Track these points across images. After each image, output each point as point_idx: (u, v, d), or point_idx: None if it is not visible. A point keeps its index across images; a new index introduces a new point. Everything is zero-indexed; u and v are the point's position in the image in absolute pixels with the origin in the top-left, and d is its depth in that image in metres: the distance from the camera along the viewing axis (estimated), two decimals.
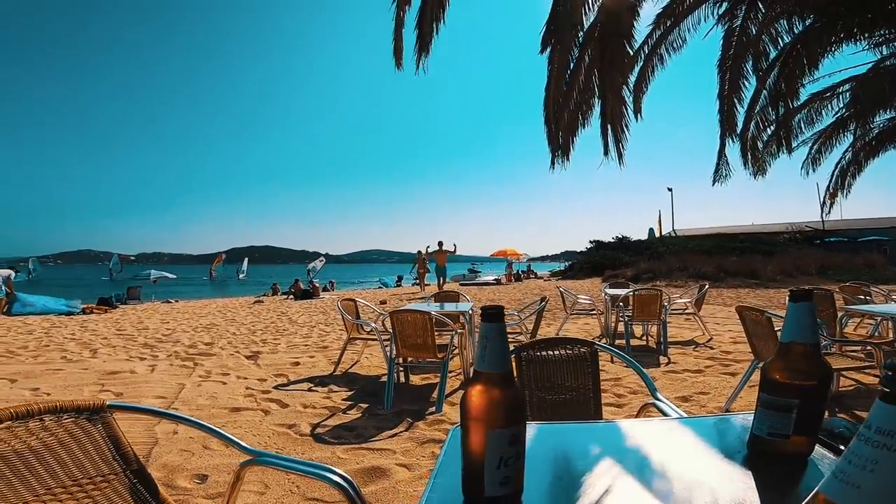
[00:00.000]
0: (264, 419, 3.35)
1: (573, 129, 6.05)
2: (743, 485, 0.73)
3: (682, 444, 0.91)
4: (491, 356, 0.59)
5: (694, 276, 16.97)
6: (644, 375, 1.64)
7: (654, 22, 6.35)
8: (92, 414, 1.10)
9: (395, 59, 5.52)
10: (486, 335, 0.60)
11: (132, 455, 1.13)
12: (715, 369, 4.54)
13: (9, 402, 3.70)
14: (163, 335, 7.36)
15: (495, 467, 0.59)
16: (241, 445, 1.21)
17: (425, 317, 3.59)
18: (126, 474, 1.10)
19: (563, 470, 0.81)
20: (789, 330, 0.80)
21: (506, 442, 0.59)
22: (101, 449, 1.09)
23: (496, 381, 0.60)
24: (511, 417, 0.60)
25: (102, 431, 1.11)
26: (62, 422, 1.05)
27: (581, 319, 8.00)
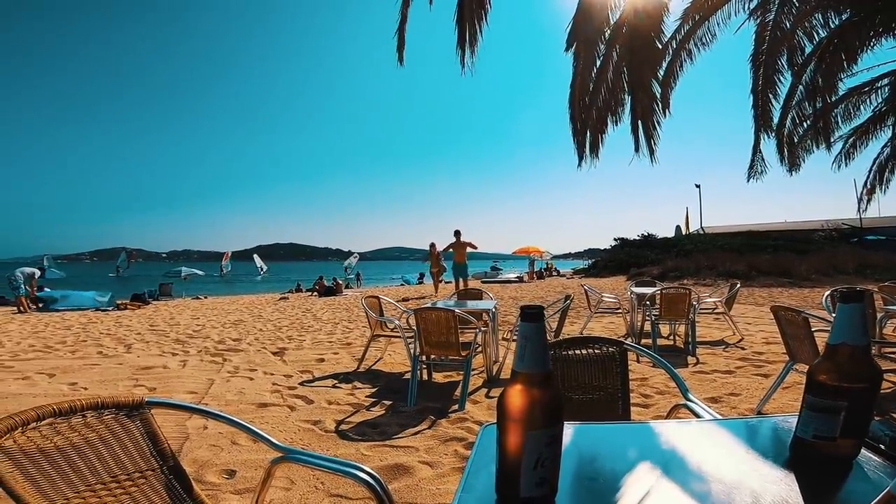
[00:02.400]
0: (290, 415, 3.40)
1: (602, 127, 5.95)
2: (786, 487, 0.71)
3: (719, 446, 0.89)
4: (531, 356, 0.59)
5: (723, 275, 16.52)
6: (675, 376, 1.60)
7: (682, 17, 6.20)
8: (131, 410, 1.13)
9: (398, 55, 5.53)
10: (526, 335, 0.60)
11: (168, 451, 1.15)
12: (746, 370, 4.41)
13: (47, 396, 3.86)
14: (193, 331, 7.56)
15: (532, 468, 0.58)
16: (272, 443, 1.22)
17: (449, 315, 3.59)
18: (162, 470, 1.12)
19: (597, 471, 0.79)
20: (839, 331, 0.78)
21: (544, 443, 0.59)
22: (139, 445, 1.11)
23: (536, 382, 0.59)
24: (550, 418, 0.59)
25: (141, 427, 1.13)
26: (103, 418, 1.07)
27: (605, 318, 7.88)
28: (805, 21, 5.96)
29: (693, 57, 6.45)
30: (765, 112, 6.45)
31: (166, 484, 1.12)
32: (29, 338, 6.98)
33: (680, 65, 6.41)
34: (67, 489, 0.96)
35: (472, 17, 4.89)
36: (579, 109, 5.71)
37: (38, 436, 0.96)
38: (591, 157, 6.09)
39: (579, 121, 5.80)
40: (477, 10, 4.87)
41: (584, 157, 6.11)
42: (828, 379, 0.77)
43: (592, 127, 5.91)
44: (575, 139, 6.04)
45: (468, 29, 4.98)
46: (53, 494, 0.92)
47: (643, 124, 5.41)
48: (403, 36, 5.43)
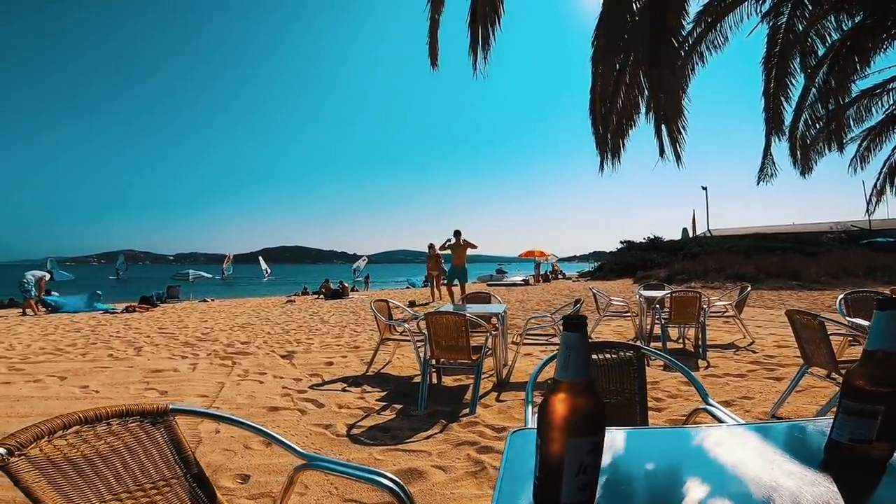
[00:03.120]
0: (301, 419, 3.40)
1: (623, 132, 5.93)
2: (825, 488, 0.72)
3: (750, 450, 0.89)
4: (574, 365, 0.60)
5: (732, 278, 16.41)
6: (695, 381, 1.58)
7: (695, 19, 6.18)
8: (155, 417, 1.12)
9: (431, 59, 5.55)
10: (569, 344, 0.60)
11: (192, 458, 1.14)
12: (758, 374, 4.38)
13: (59, 399, 3.88)
14: (202, 334, 7.60)
15: (574, 474, 0.59)
16: (295, 450, 1.22)
17: (460, 319, 3.58)
18: (186, 478, 1.11)
19: (630, 476, 0.79)
20: (876, 338, 0.79)
21: (586, 450, 0.60)
22: (163, 452, 1.10)
23: (579, 390, 0.60)
24: (593, 425, 0.60)
25: (165, 435, 1.12)
26: (128, 425, 1.07)
27: (614, 322, 7.84)
28: (818, 23, 5.93)
29: (705, 59, 6.43)
30: (776, 115, 6.42)
31: (190, 492, 1.11)
32: (39, 340, 7.04)
33: (692, 67, 6.39)
34: (94, 498, 0.95)
35: (486, 21, 4.89)
36: (600, 114, 5.69)
37: (64, 444, 0.95)
38: (613, 161, 6.08)
39: (601, 125, 5.79)
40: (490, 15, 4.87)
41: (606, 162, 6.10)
42: (865, 384, 0.78)
43: (614, 132, 5.89)
44: (597, 144, 6.03)
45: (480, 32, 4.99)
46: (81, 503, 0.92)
47: (667, 128, 5.38)
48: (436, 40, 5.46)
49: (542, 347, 5.51)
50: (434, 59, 5.58)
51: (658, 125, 5.46)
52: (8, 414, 3.50)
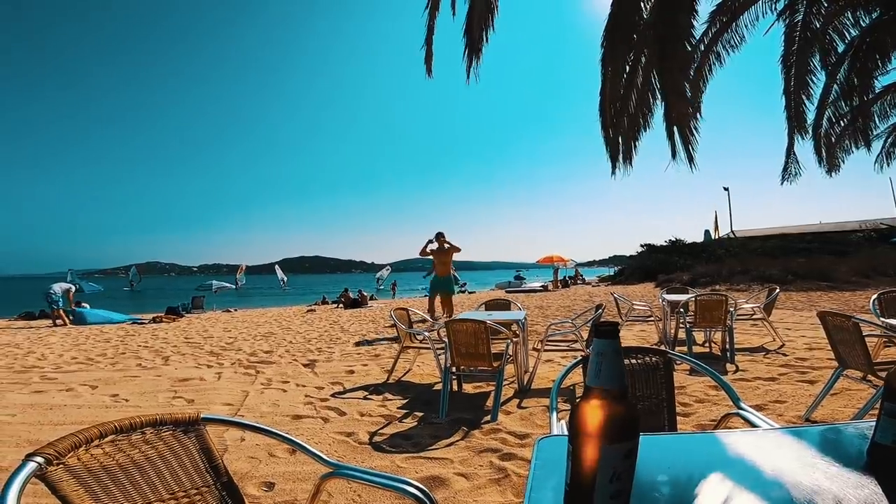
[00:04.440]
0: (324, 427, 3.42)
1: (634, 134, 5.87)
2: (870, 491, 0.71)
3: (788, 454, 0.87)
4: (607, 372, 0.59)
5: (758, 280, 16.01)
6: (725, 385, 1.54)
7: (709, 19, 6.11)
8: (188, 426, 1.13)
9: (426, 66, 5.60)
10: (601, 351, 0.60)
11: (223, 467, 1.15)
12: (790, 377, 4.25)
13: (90, 407, 3.99)
14: (226, 343, 7.73)
15: (608, 481, 0.59)
16: (322, 458, 1.22)
17: (481, 326, 3.57)
18: (216, 486, 1.12)
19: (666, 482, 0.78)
20: None
21: (620, 457, 0.59)
22: (194, 461, 1.11)
23: (613, 397, 0.59)
24: (627, 432, 0.60)
25: (196, 443, 1.14)
26: (161, 434, 1.08)
27: (636, 326, 7.71)
28: (835, 20, 5.81)
29: (722, 59, 6.34)
30: (798, 113, 6.28)
31: (220, 500, 1.11)
32: (71, 350, 7.25)
33: (709, 68, 6.30)
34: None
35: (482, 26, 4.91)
36: (610, 116, 5.65)
37: (100, 453, 0.97)
38: (625, 164, 6.02)
39: (611, 128, 5.74)
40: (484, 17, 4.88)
41: (618, 165, 6.04)
42: None
43: (625, 134, 5.83)
44: (607, 147, 5.97)
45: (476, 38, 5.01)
46: None
47: (679, 130, 5.31)
48: (431, 47, 5.50)
49: (563, 353, 5.45)
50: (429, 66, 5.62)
51: (670, 127, 5.39)
52: (41, 422, 3.61)
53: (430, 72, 5.67)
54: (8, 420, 3.66)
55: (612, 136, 5.84)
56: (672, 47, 4.56)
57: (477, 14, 4.95)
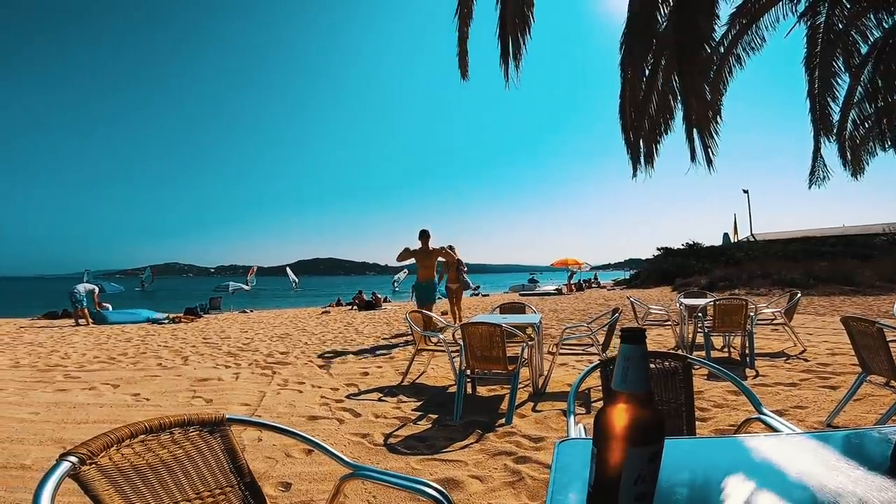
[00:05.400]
0: (339, 428, 3.45)
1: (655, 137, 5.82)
2: (892, 494, 0.70)
3: (812, 458, 0.87)
4: (633, 377, 0.60)
5: (779, 284, 15.69)
6: (746, 390, 1.52)
7: (729, 21, 6.04)
8: (213, 427, 1.15)
9: (461, 71, 5.60)
10: (628, 356, 0.61)
11: (246, 467, 1.17)
12: (812, 382, 4.17)
13: (112, 406, 4.07)
14: (243, 344, 7.83)
15: (632, 483, 0.59)
16: (343, 460, 1.24)
17: (496, 329, 3.57)
18: (240, 486, 1.13)
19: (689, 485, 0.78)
20: None
21: (645, 459, 0.60)
22: (219, 461, 1.13)
23: (638, 401, 0.60)
24: (652, 435, 0.60)
25: (221, 444, 1.15)
26: (188, 434, 1.10)
27: (653, 330, 7.61)
28: (857, 22, 5.70)
29: (742, 62, 6.25)
30: (824, 116, 6.15)
31: (243, 500, 1.12)
32: (93, 349, 7.42)
33: (729, 70, 6.22)
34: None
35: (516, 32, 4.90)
36: (630, 120, 5.61)
37: (130, 453, 0.98)
38: (646, 167, 5.96)
39: (631, 131, 5.70)
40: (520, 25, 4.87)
41: (639, 168, 5.99)
42: None
43: (646, 137, 5.78)
44: (628, 150, 5.92)
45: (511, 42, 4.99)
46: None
47: (699, 133, 5.25)
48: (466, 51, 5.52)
49: (578, 357, 5.41)
50: (464, 70, 5.63)
51: (689, 130, 5.32)
52: (64, 420, 3.69)
53: (466, 74, 5.70)
54: (32, 418, 3.75)
55: (632, 140, 5.79)
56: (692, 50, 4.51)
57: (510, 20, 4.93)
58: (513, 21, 4.91)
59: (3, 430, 3.44)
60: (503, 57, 5.18)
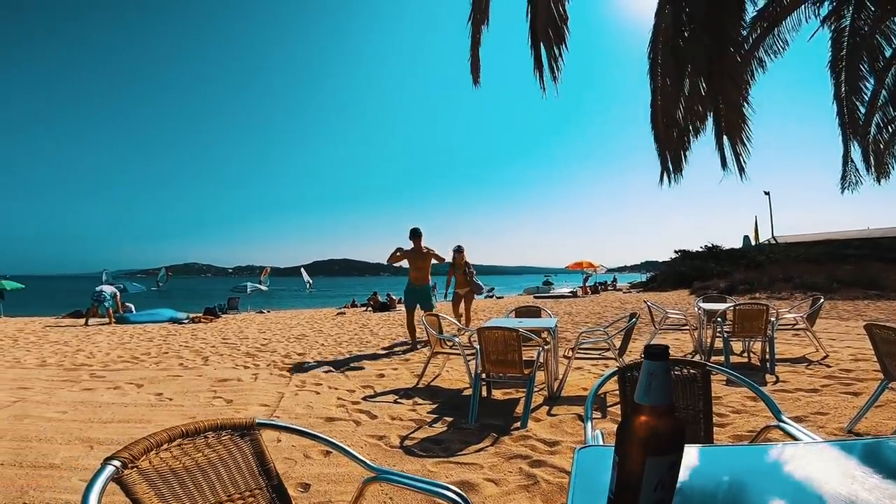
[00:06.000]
0: (356, 430, 3.49)
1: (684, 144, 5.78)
2: None
3: (829, 466, 0.88)
4: (656, 390, 0.63)
5: (801, 288, 15.35)
6: (765, 397, 1.52)
7: (750, 25, 5.97)
8: (244, 431, 1.18)
9: (473, 77, 5.62)
10: (652, 371, 0.64)
11: (273, 470, 1.20)
12: (833, 388, 4.10)
13: (137, 405, 4.18)
14: (261, 345, 7.96)
15: (652, 490, 0.63)
16: (366, 463, 1.27)
17: (513, 333, 3.59)
18: (267, 489, 1.17)
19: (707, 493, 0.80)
20: None
21: (665, 467, 0.63)
22: (249, 464, 1.16)
23: (659, 414, 0.63)
24: (672, 445, 0.64)
25: (251, 447, 1.18)
26: (221, 438, 1.13)
27: (670, 335, 7.52)
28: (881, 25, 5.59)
29: (764, 65, 6.16)
30: (852, 119, 6.04)
31: (270, 502, 1.15)
32: (117, 349, 7.61)
33: (751, 74, 6.14)
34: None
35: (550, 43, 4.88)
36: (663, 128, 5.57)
37: (169, 456, 1.01)
38: (674, 174, 5.93)
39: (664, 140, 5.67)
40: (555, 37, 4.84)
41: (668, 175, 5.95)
42: None
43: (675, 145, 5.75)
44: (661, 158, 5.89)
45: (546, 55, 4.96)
46: None
47: (730, 140, 5.19)
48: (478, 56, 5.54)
49: (594, 361, 5.38)
50: (476, 76, 5.65)
51: (719, 137, 5.26)
52: (91, 419, 3.79)
53: (478, 80, 5.71)
54: (59, 417, 3.84)
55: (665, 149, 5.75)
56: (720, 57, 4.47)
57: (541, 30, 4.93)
58: (545, 32, 4.90)
59: (32, 429, 3.53)
60: (536, 68, 5.15)
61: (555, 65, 4.99)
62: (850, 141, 6.44)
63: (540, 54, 5.03)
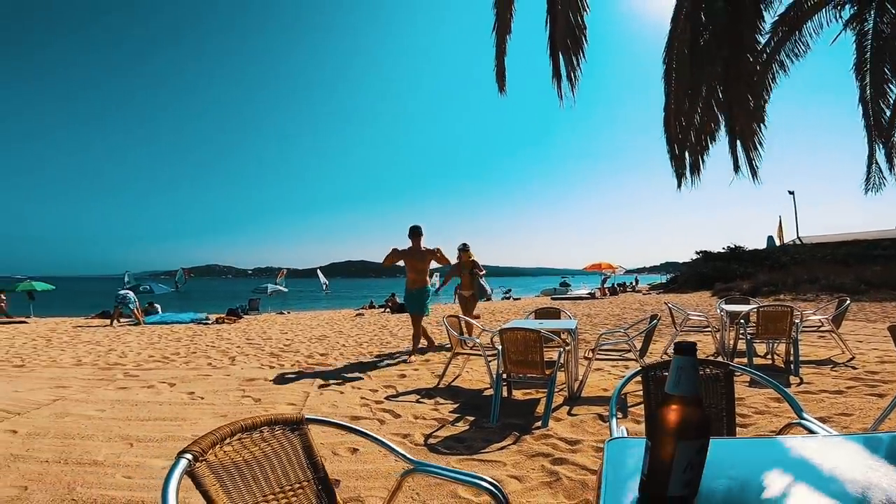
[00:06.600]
0: (381, 428, 3.58)
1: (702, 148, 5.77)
2: None
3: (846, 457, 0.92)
4: (685, 383, 0.72)
5: (827, 289, 14.99)
6: (787, 395, 1.56)
7: (771, 30, 5.93)
8: (294, 426, 1.26)
9: (499, 85, 5.68)
10: (681, 366, 0.73)
11: (320, 464, 1.28)
12: (858, 390, 4.07)
13: (171, 404, 4.33)
14: (284, 345, 8.15)
15: (682, 470, 0.70)
16: (405, 456, 1.35)
17: (535, 335, 3.64)
18: (314, 482, 1.24)
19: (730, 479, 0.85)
20: None
21: (694, 451, 0.71)
22: (299, 458, 1.23)
23: (688, 402, 0.71)
24: (700, 431, 0.71)
25: (300, 442, 1.26)
26: (274, 433, 1.20)
27: (691, 337, 7.46)
28: None
29: (786, 68, 6.10)
30: (878, 122, 5.96)
31: (317, 495, 1.23)
32: (147, 349, 7.87)
33: (772, 77, 6.09)
34: (249, 500, 1.06)
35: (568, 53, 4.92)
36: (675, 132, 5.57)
37: (231, 450, 1.08)
38: (693, 177, 5.92)
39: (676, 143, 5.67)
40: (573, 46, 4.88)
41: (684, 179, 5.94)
42: None
43: (691, 148, 5.74)
44: (673, 163, 5.90)
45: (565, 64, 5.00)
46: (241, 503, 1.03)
47: (742, 143, 5.18)
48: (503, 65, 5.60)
49: (614, 362, 5.39)
50: (502, 84, 5.70)
51: (732, 141, 5.25)
52: (128, 417, 3.93)
53: (503, 89, 5.76)
54: (99, 415, 3.98)
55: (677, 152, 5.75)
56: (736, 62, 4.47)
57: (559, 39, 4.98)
58: (563, 42, 4.94)
59: (74, 427, 3.66)
60: (555, 76, 5.20)
61: (573, 74, 5.01)
62: (874, 143, 6.34)
63: (558, 63, 5.07)
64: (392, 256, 6.82)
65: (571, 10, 4.81)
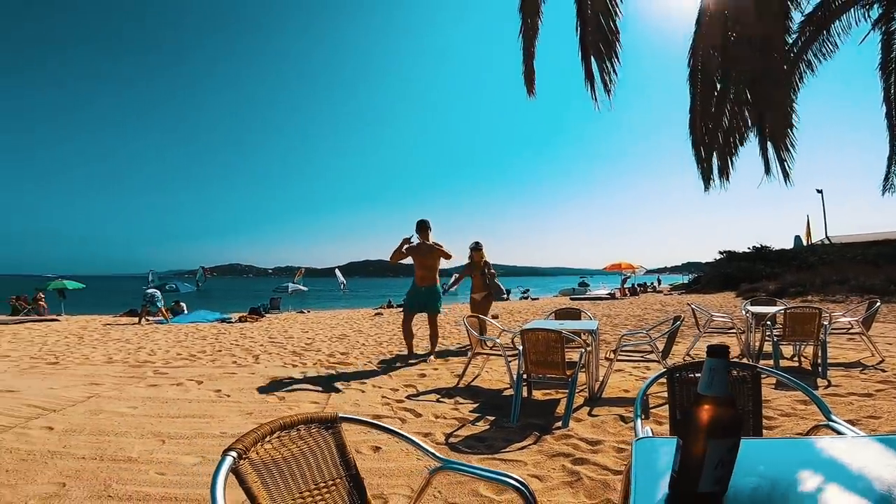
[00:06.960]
0: (402, 427, 3.62)
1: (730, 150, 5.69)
2: None
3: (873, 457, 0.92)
4: (717, 384, 0.74)
5: (856, 290, 14.54)
6: (815, 397, 1.55)
7: (799, 29, 5.81)
8: (329, 424, 1.30)
9: (527, 87, 5.67)
10: (714, 367, 0.75)
11: (352, 461, 1.31)
12: (888, 393, 3.98)
13: (199, 401, 4.45)
14: (305, 344, 8.28)
15: (713, 468, 0.72)
16: (433, 454, 1.38)
17: (556, 335, 3.65)
18: (347, 479, 1.28)
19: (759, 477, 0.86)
20: None
21: (725, 449, 0.73)
22: (333, 455, 1.27)
23: (721, 402, 0.74)
24: (731, 430, 0.74)
25: (334, 440, 1.30)
26: (310, 431, 1.24)
27: (715, 338, 7.34)
28: None
29: (814, 67, 5.97)
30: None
31: (349, 492, 1.27)
32: (174, 347, 8.09)
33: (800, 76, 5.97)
34: (287, 496, 1.10)
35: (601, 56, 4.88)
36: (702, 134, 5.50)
37: (270, 447, 1.11)
38: (721, 180, 5.84)
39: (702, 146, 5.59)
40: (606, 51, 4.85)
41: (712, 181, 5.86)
42: None
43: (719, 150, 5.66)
44: (699, 165, 5.82)
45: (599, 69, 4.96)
46: (279, 499, 1.07)
47: (773, 145, 5.08)
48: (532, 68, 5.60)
49: (635, 364, 5.34)
50: (531, 87, 5.69)
51: (763, 142, 5.15)
52: (159, 414, 4.04)
53: (532, 91, 5.75)
54: (131, 412, 4.09)
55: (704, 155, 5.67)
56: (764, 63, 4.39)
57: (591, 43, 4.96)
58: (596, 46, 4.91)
59: (108, 424, 3.76)
60: (588, 80, 5.16)
61: (607, 78, 4.97)
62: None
63: (590, 67, 5.02)
64: (401, 252, 6.54)
65: (603, 14, 4.79)
